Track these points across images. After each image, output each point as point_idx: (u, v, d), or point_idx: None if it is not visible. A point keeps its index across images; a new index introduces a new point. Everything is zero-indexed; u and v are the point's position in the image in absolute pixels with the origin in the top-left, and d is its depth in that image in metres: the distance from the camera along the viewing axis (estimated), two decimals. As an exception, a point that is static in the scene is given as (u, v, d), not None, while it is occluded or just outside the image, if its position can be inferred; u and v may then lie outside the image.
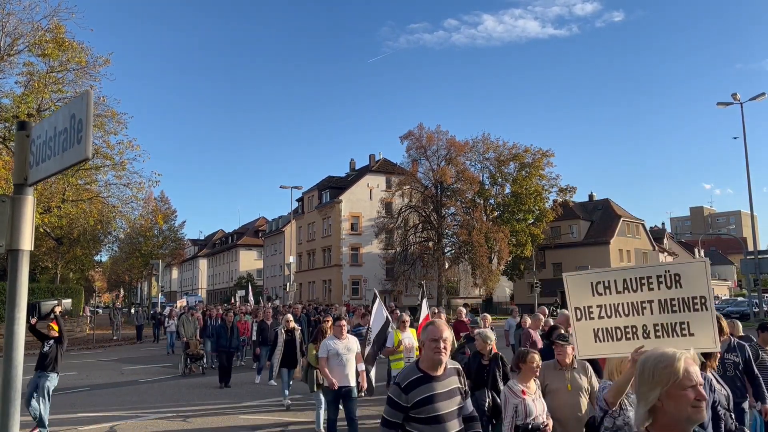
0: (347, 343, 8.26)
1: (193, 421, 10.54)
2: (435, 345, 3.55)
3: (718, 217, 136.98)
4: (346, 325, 8.72)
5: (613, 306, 4.37)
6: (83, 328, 36.07)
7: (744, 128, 29.01)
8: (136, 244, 50.93)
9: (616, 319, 4.36)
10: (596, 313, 4.42)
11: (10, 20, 23.31)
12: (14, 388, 2.64)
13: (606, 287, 4.42)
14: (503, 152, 58.35)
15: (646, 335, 4.23)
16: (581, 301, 4.51)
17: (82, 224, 29.88)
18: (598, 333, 4.40)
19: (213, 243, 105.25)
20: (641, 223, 69.15)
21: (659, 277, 4.27)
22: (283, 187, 45.96)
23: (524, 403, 4.93)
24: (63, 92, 24.19)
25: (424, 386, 3.53)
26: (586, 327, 4.46)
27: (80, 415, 11.02)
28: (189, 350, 17.00)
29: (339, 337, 8.27)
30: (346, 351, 8.16)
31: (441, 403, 3.53)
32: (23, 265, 2.71)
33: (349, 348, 8.24)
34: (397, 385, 3.59)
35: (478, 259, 50.33)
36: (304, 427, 9.86)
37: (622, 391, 4.04)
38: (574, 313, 4.52)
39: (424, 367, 3.62)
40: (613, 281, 4.41)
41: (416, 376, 3.57)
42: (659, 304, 4.24)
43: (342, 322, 8.52)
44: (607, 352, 4.42)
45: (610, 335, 4.35)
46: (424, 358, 3.65)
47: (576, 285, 4.59)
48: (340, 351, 8.10)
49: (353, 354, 8.28)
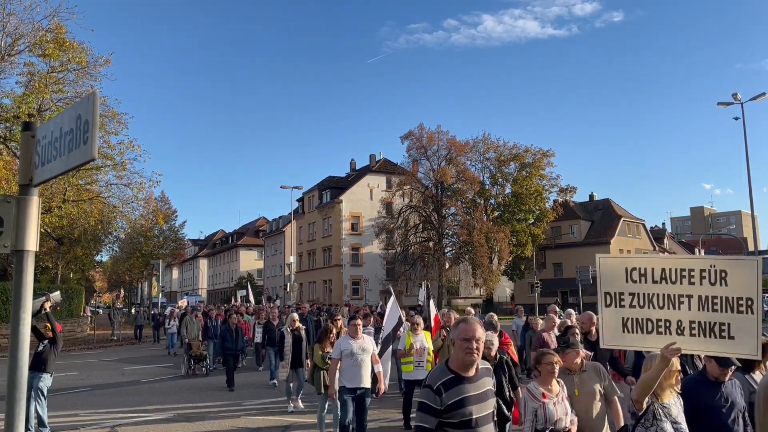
0: (362, 343, 7.91)
1: (194, 421, 10.53)
2: (467, 345, 3.34)
3: (718, 217, 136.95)
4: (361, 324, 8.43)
5: (648, 296, 4.09)
6: (84, 329, 36.08)
7: (744, 128, 28.99)
8: (137, 244, 50.94)
9: (648, 310, 4.08)
10: (627, 301, 4.15)
11: (10, 20, 23.35)
12: (20, 388, 2.64)
13: (642, 275, 4.13)
14: (504, 152, 58.37)
15: (680, 331, 3.97)
16: (612, 286, 4.22)
17: (82, 224, 29.90)
18: (627, 322, 4.14)
19: (213, 243, 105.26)
20: (641, 223, 69.16)
21: (702, 271, 3.97)
22: (283, 187, 46.02)
23: (544, 407, 4.66)
24: (64, 92, 24.22)
25: (456, 388, 3.33)
26: (615, 314, 4.19)
27: (81, 415, 11.02)
28: (192, 351, 16.83)
29: (354, 337, 7.95)
30: (361, 351, 7.82)
31: (475, 406, 3.33)
32: (29, 265, 2.70)
33: (364, 348, 7.88)
34: (428, 387, 3.36)
35: (478, 259, 50.34)
36: (305, 427, 9.86)
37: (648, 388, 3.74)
38: (603, 298, 4.23)
39: (454, 367, 3.40)
40: (651, 269, 4.11)
41: (448, 377, 3.36)
42: (699, 300, 3.95)
43: (357, 321, 8.24)
44: (635, 344, 4.21)
45: (640, 326, 4.09)
46: (455, 358, 3.43)
47: (609, 268, 4.29)
48: (354, 351, 7.76)
49: (368, 354, 7.90)
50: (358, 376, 7.72)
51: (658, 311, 4.05)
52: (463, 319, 3.53)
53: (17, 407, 2.63)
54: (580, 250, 61.14)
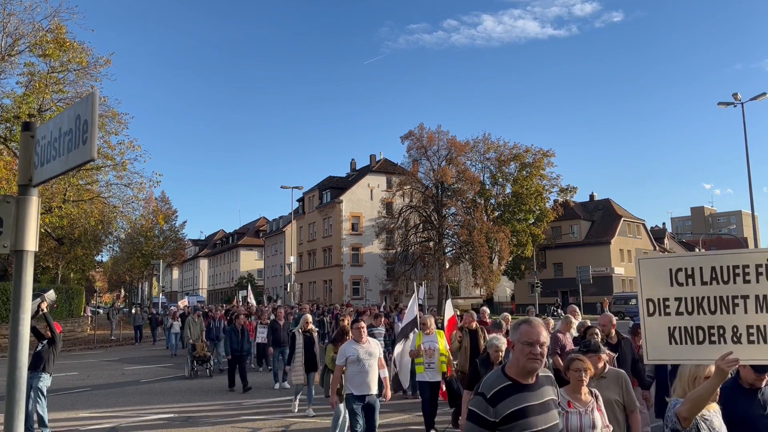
0: (368, 348, 7.42)
1: (194, 421, 10.54)
2: (530, 350, 2.98)
3: (718, 217, 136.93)
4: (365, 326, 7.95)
5: (697, 300, 3.59)
6: (84, 329, 36.09)
7: (745, 128, 28.98)
8: (137, 245, 50.99)
9: (698, 316, 3.58)
10: (673, 308, 3.65)
11: (11, 21, 23.33)
12: (19, 389, 2.64)
13: (689, 275, 3.63)
14: (504, 152, 58.38)
15: (736, 339, 3.46)
16: (655, 292, 3.73)
17: (83, 224, 29.90)
18: (674, 333, 3.63)
19: (214, 243, 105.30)
20: (642, 223, 69.17)
21: (759, 267, 3.48)
22: (283, 187, 45.96)
23: (567, 418, 4.18)
24: (64, 93, 24.21)
25: (515, 396, 2.96)
26: (660, 324, 3.67)
27: (82, 415, 11.03)
28: (195, 352, 16.53)
29: (359, 341, 7.45)
30: (368, 356, 7.33)
31: (536, 418, 2.97)
32: (28, 266, 2.70)
33: (371, 353, 7.40)
34: (480, 396, 3.00)
35: (478, 259, 50.34)
36: (306, 428, 9.86)
37: (701, 405, 3.31)
38: (645, 307, 3.74)
39: (512, 373, 3.04)
40: (699, 269, 3.61)
41: (504, 384, 3.00)
42: (756, 300, 3.45)
43: (361, 323, 7.68)
44: (685, 356, 3.64)
45: (690, 336, 3.58)
46: (514, 364, 3.07)
47: (650, 271, 3.79)
48: (360, 356, 7.29)
49: (375, 359, 7.43)
50: (366, 383, 7.30)
51: (710, 317, 3.56)
52: (526, 320, 3.18)
53: (16, 407, 2.63)
54: (581, 250, 61.16)
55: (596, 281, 53.75)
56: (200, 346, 16.63)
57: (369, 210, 60.82)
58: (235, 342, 14.33)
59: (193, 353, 16.53)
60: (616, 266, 60.89)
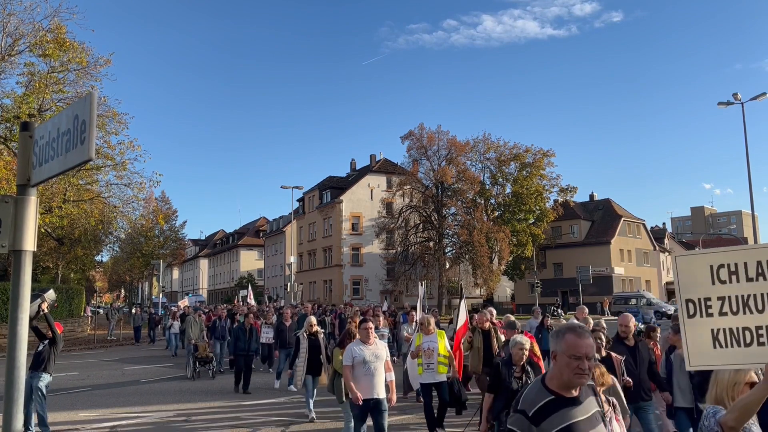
0: (375, 350, 7.18)
1: (194, 420, 10.55)
2: (577, 364, 2.66)
3: (719, 217, 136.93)
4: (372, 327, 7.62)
5: (742, 299, 3.31)
6: (84, 328, 36.09)
7: (745, 128, 28.94)
8: (137, 244, 51.01)
9: (745, 316, 3.29)
10: (716, 308, 3.37)
11: (11, 20, 23.34)
12: (17, 388, 2.65)
13: (732, 272, 3.35)
14: (504, 152, 58.41)
15: None
16: (695, 291, 3.45)
17: (83, 224, 29.91)
18: (718, 335, 3.35)
19: (214, 243, 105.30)
20: (642, 223, 69.16)
21: None
22: (283, 187, 45.93)
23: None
24: (64, 92, 24.22)
25: (560, 413, 2.65)
26: (702, 327, 3.39)
27: (82, 415, 11.04)
28: (197, 353, 16.12)
29: (366, 342, 7.18)
30: (374, 358, 7.11)
31: None
32: (26, 265, 2.71)
33: (377, 355, 7.17)
34: (521, 413, 2.69)
35: (478, 259, 50.36)
36: (306, 428, 9.87)
37: (750, 413, 3.02)
38: (684, 308, 3.45)
39: (554, 386, 2.73)
40: (743, 264, 3.33)
41: (547, 400, 2.69)
42: None
43: (369, 324, 7.35)
44: (731, 361, 3.32)
45: (736, 338, 3.30)
46: (555, 376, 2.74)
47: (690, 269, 3.50)
48: (367, 358, 7.05)
49: (382, 362, 7.21)
50: (371, 386, 7.06)
51: (758, 316, 3.26)
52: (572, 328, 2.79)
53: (15, 406, 2.64)
54: (581, 250, 61.15)
55: (596, 281, 53.76)
56: (202, 347, 16.26)
57: (369, 210, 60.83)
58: (242, 342, 13.91)
59: (195, 353, 16.16)
60: (616, 266, 60.90)
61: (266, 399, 12.62)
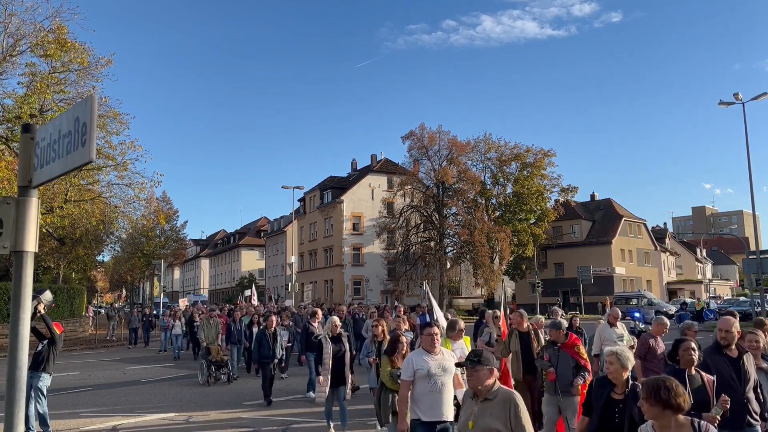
0: (441, 360, 5.70)
1: (195, 420, 10.56)
2: None
3: (720, 217, 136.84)
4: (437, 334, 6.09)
5: None
6: (85, 328, 36.13)
7: (746, 128, 28.88)
8: (138, 244, 51.11)
9: None
10: None
11: (12, 21, 23.36)
12: (19, 388, 2.67)
13: None
14: (505, 152, 58.38)
15: None
16: None
17: (84, 224, 29.98)
18: None
19: (215, 243, 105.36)
20: (643, 223, 69.12)
21: None
22: (284, 187, 45.95)
23: None
24: (65, 93, 24.25)
25: None
26: None
27: (83, 415, 11.06)
28: (210, 356, 14.89)
29: (430, 351, 5.75)
30: (441, 372, 5.61)
31: None
32: (28, 266, 2.73)
33: (445, 367, 5.67)
34: None
35: (479, 259, 50.34)
36: (306, 427, 9.88)
37: None
38: None
39: None
40: None
41: None
42: None
43: (434, 329, 5.88)
44: None
45: None
46: None
47: None
48: (432, 371, 5.59)
49: (450, 376, 5.70)
50: (438, 406, 5.60)
51: None
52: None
53: (16, 406, 2.65)
54: (582, 250, 61.14)
55: (597, 281, 53.76)
56: (215, 350, 15.08)
57: (370, 210, 60.85)
58: (266, 348, 12.29)
59: (208, 357, 14.89)
60: (617, 266, 60.89)
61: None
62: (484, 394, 4.13)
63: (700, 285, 73.28)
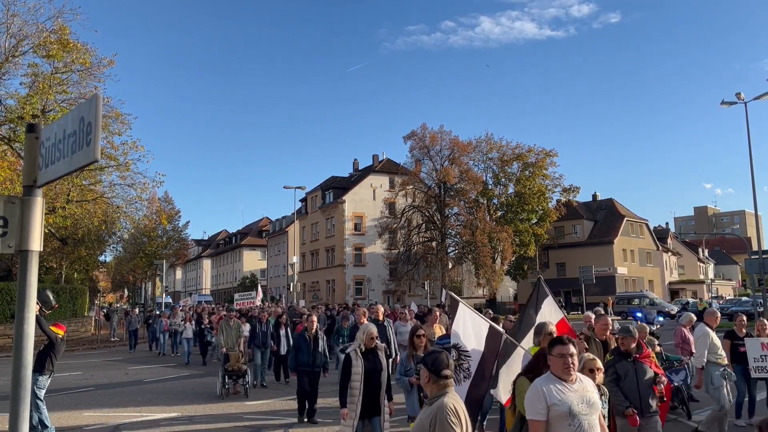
0: (583, 391, 4.13)
1: (197, 420, 10.58)
2: None
3: (722, 217, 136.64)
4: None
5: None
6: (88, 328, 36.14)
7: (748, 128, 28.80)
8: (140, 245, 51.14)
9: None
10: None
11: (14, 21, 23.41)
12: (24, 386, 2.68)
13: None
14: (506, 152, 58.44)
15: None
16: None
17: (86, 224, 29.98)
18: None
19: (217, 243, 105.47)
20: (645, 223, 69.08)
21: None
22: (286, 188, 45.93)
23: None
24: (67, 93, 24.31)
25: None
26: None
27: (85, 414, 11.08)
28: (228, 364, 12.86)
29: (565, 378, 4.14)
30: (587, 407, 4.06)
31: None
32: (32, 265, 2.75)
33: (590, 401, 4.10)
34: None
35: (481, 259, 50.36)
36: (306, 428, 9.88)
37: None
38: None
39: None
40: None
41: None
42: None
43: (569, 348, 4.16)
44: None
45: None
46: None
47: None
48: (573, 407, 4.02)
49: (597, 413, 4.17)
50: None
51: None
52: None
53: (21, 405, 2.66)
54: (583, 250, 61.12)
55: (599, 281, 53.64)
56: (234, 357, 12.98)
57: (372, 210, 60.90)
58: (306, 354, 10.26)
59: (226, 365, 12.88)
60: (619, 266, 60.85)
61: (269, 399, 12.64)
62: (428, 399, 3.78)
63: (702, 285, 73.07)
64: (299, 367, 10.31)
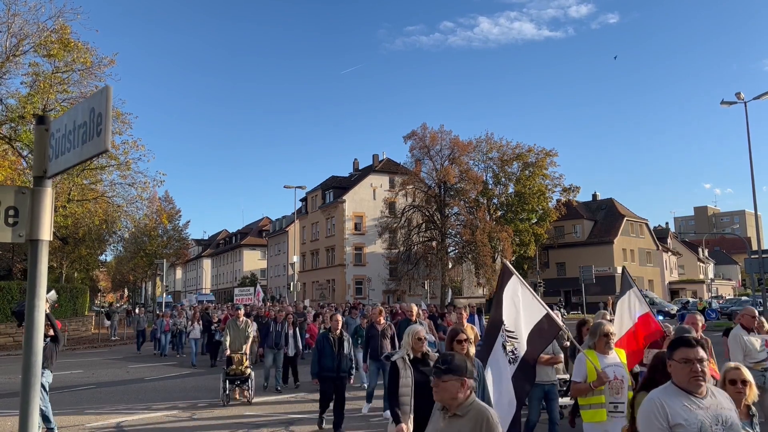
0: (717, 408, 3.22)
1: (198, 419, 10.62)
2: None
3: (722, 217, 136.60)
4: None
5: None
6: (88, 328, 36.20)
7: (748, 127, 28.88)
8: (141, 244, 51.21)
9: None
10: None
11: (15, 21, 23.48)
12: (34, 373, 2.72)
13: None
14: (507, 152, 58.46)
15: None
16: None
17: (87, 224, 30.06)
18: None
19: (217, 243, 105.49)
20: (645, 223, 69.12)
21: None
22: (287, 187, 45.93)
23: None
24: (68, 92, 24.39)
25: None
26: None
27: (87, 412, 11.12)
28: (231, 368, 11.75)
29: (694, 392, 3.23)
30: (722, 429, 3.17)
31: None
32: (43, 255, 2.79)
33: (727, 423, 3.20)
34: None
35: (481, 258, 50.40)
36: (308, 426, 9.92)
37: None
38: None
39: None
40: None
41: None
42: None
43: (699, 352, 3.26)
44: None
45: None
46: None
47: None
48: (705, 428, 3.14)
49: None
50: None
51: None
52: None
53: (32, 391, 2.70)
54: (584, 250, 61.16)
55: (599, 281, 53.69)
56: (237, 359, 11.81)
57: (372, 210, 60.95)
58: (330, 358, 9.24)
59: (228, 369, 11.81)
60: (619, 266, 60.82)
61: (270, 396, 12.68)
62: (453, 409, 3.36)
63: (702, 285, 73.21)
64: (322, 373, 9.25)
